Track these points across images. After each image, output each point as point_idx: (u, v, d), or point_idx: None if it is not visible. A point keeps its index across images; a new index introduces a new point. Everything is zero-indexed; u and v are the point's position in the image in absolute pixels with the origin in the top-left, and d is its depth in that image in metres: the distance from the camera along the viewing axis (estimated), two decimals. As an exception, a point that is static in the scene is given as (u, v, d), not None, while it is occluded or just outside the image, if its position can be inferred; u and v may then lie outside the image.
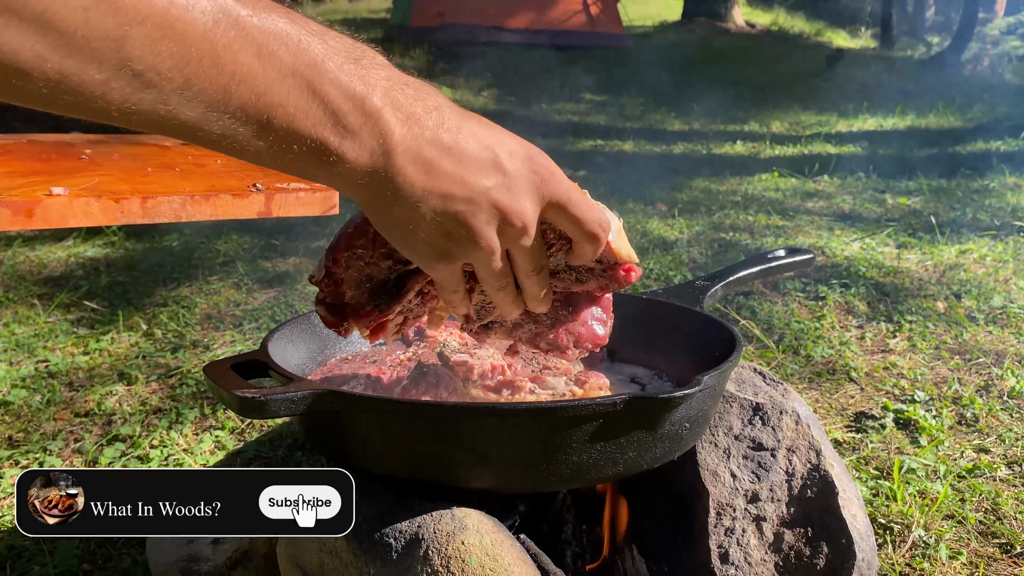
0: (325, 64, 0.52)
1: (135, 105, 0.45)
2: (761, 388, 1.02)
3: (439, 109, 0.59)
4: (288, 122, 0.50)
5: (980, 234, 2.97)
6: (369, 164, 0.54)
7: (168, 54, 0.45)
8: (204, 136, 0.49)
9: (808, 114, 6.57)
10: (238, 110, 0.48)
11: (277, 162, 0.53)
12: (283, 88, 0.50)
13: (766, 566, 0.90)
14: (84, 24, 0.42)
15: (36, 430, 1.56)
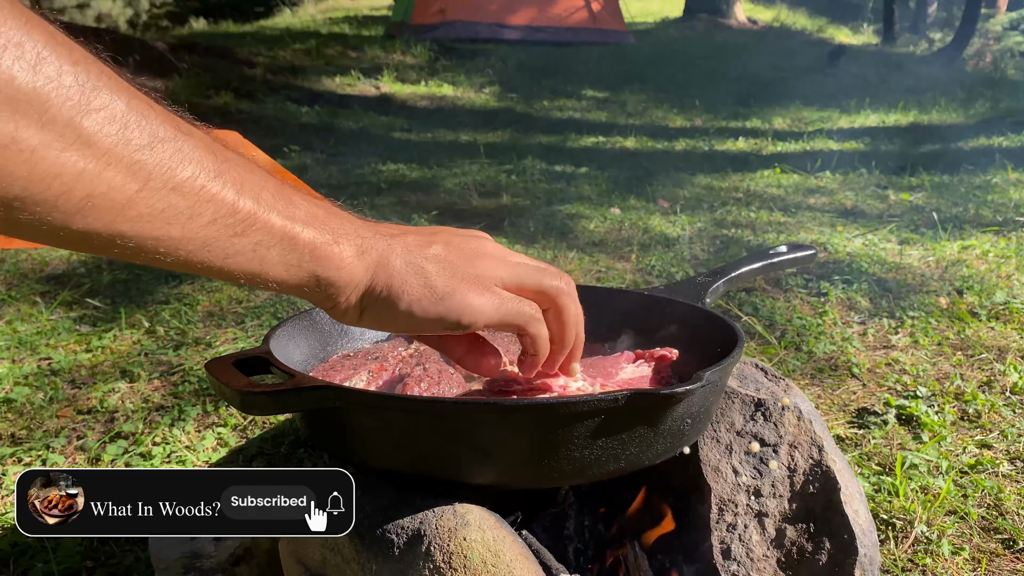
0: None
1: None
2: (763, 384, 1.02)
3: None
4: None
5: (982, 230, 2.97)
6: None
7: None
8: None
9: (810, 110, 6.56)
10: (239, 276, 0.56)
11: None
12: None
13: (768, 562, 0.90)
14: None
15: (39, 427, 1.56)
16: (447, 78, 7.65)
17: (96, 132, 0.45)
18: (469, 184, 3.84)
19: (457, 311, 0.64)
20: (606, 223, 3.15)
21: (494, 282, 0.67)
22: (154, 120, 0.48)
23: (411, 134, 5.51)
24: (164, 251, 0.50)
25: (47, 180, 0.43)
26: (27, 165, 0.42)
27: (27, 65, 0.41)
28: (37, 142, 0.42)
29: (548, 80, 7.68)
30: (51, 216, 0.44)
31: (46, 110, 0.42)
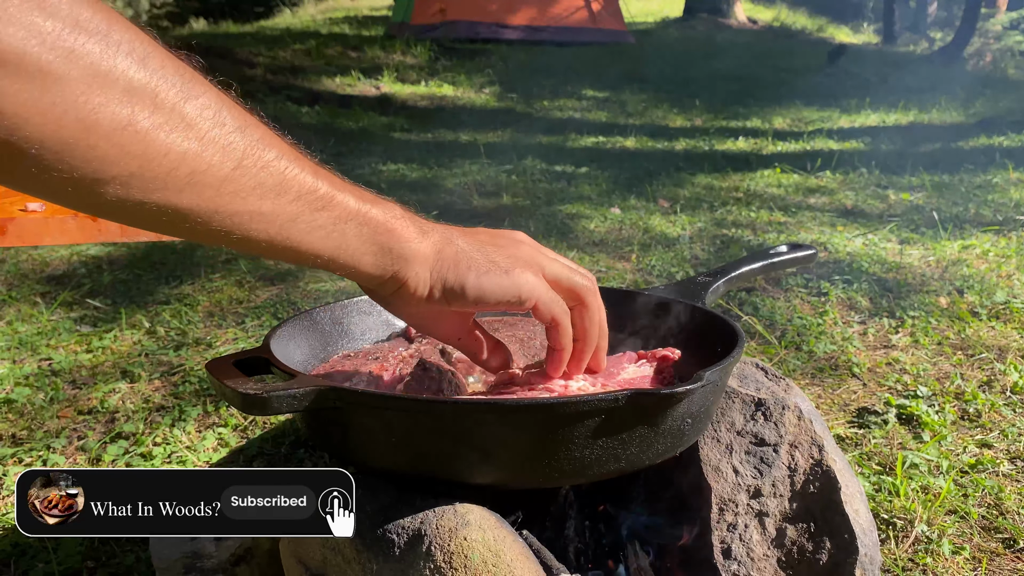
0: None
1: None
2: (763, 384, 1.02)
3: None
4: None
5: (983, 229, 2.97)
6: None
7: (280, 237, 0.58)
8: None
9: (810, 110, 6.56)
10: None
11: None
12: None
13: (768, 561, 0.90)
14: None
15: (39, 428, 1.56)
16: (447, 78, 7.65)
17: (197, 116, 0.50)
18: (469, 184, 3.84)
19: (518, 285, 0.69)
20: (606, 223, 3.15)
21: (540, 270, 0.72)
22: (240, 109, 0.55)
23: (411, 134, 5.51)
24: (258, 227, 0.56)
25: (158, 158, 0.49)
26: (142, 144, 0.48)
27: (137, 60, 0.47)
28: (149, 124, 0.48)
29: (548, 80, 7.68)
30: (159, 193, 0.50)
31: (155, 96, 0.48)
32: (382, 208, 0.64)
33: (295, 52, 8.22)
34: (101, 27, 0.46)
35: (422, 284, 0.67)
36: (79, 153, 0.46)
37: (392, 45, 8.64)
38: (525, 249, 0.73)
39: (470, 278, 0.67)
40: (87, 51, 0.44)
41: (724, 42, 10.40)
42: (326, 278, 2.43)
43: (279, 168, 0.56)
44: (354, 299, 1.09)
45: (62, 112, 0.44)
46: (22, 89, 0.42)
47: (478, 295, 0.68)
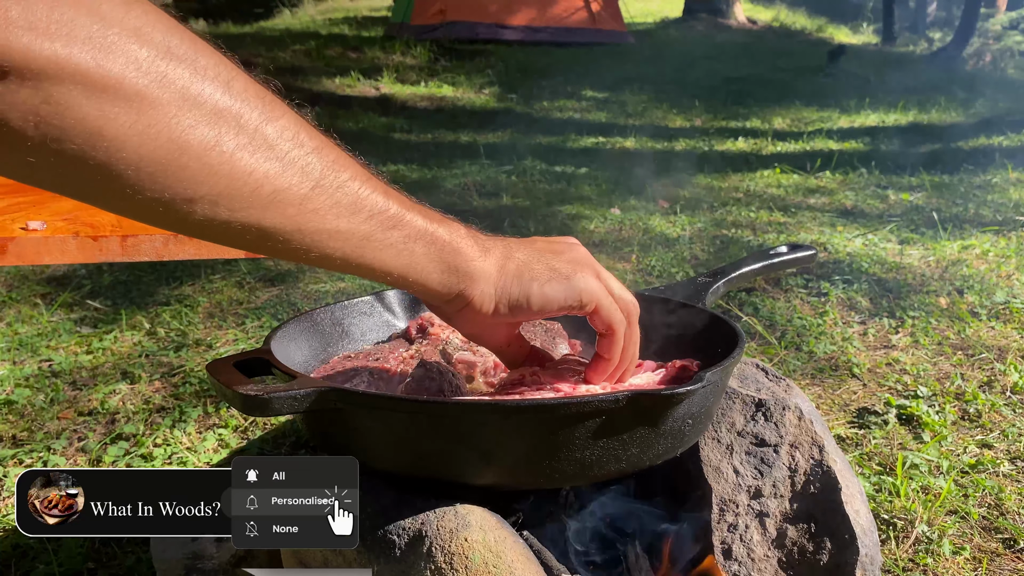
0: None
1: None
2: (764, 384, 1.02)
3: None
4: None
5: (983, 229, 2.97)
6: None
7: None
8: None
9: (810, 110, 6.56)
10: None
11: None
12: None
13: (769, 562, 0.90)
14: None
15: (40, 429, 1.56)
16: (447, 79, 7.65)
17: (277, 137, 0.53)
18: (469, 185, 3.84)
19: (579, 290, 0.71)
20: (606, 223, 3.15)
21: (597, 272, 0.75)
22: (316, 131, 0.58)
23: (411, 135, 5.51)
24: (334, 246, 0.58)
25: (243, 177, 0.51)
26: (228, 164, 0.50)
27: (222, 84, 0.50)
28: (234, 145, 0.51)
29: (548, 80, 7.67)
30: (245, 212, 0.53)
31: (239, 118, 0.51)
32: (447, 228, 0.66)
33: (295, 53, 8.22)
34: (189, 54, 0.49)
35: (487, 301, 0.69)
36: (171, 172, 0.48)
37: (392, 46, 8.64)
38: (582, 252, 0.76)
39: (534, 288, 0.70)
40: (177, 76, 0.47)
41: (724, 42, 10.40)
42: (326, 279, 2.43)
43: (353, 188, 0.58)
44: (354, 300, 1.09)
45: (156, 133, 0.47)
46: (121, 112, 0.45)
47: (542, 304, 0.70)
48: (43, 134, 0.43)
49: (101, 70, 0.44)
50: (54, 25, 0.42)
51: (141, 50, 0.46)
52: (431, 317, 1.06)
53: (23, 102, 0.42)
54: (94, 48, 0.43)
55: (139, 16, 0.46)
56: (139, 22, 0.46)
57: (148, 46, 0.46)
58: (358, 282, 2.41)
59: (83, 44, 0.43)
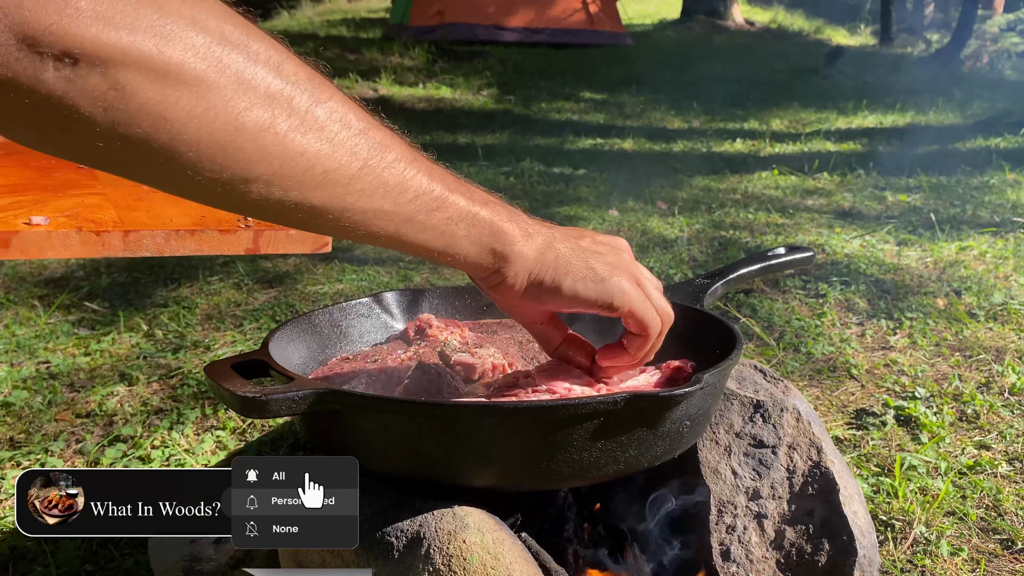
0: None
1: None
2: (762, 385, 1.02)
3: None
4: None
5: (980, 231, 2.97)
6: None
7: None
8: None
9: (808, 111, 6.57)
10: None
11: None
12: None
13: (767, 563, 0.90)
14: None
15: (37, 431, 1.56)
16: (445, 80, 7.65)
17: (327, 119, 0.55)
18: (467, 186, 3.83)
19: (611, 293, 0.73)
20: (604, 225, 3.15)
21: (637, 280, 0.76)
22: (364, 112, 0.60)
23: (409, 136, 5.48)
24: (380, 224, 0.60)
25: (295, 157, 0.53)
26: (281, 145, 0.52)
27: (274, 68, 0.52)
28: (287, 126, 0.53)
29: (546, 82, 7.68)
30: (297, 191, 0.55)
31: (291, 101, 0.53)
32: (491, 209, 0.68)
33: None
34: (242, 39, 0.51)
35: (520, 282, 0.71)
36: (229, 154, 0.50)
37: (390, 47, 8.64)
38: (625, 257, 0.77)
39: (567, 281, 0.71)
40: (232, 60, 0.50)
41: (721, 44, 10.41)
42: (324, 281, 2.43)
43: (399, 169, 0.60)
44: (352, 302, 1.09)
45: (214, 116, 0.49)
46: (182, 97, 0.47)
47: (572, 296, 0.72)
48: (111, 119, 0.46)
49: (163, 56, 0.46)
50: (119, 15, 0.44)
51: (198, 37, 0.48)
52: (429, 319, 1.06)
53: (93, 88, 0.44)
54: (155, 36, 0.46)
55: (194, 4, 0.49)
56: (195, 11, 0.48)
57: (204, 33, 0.48)
58: (356, 284, 2.41)
59: (145, 32, 0.45)
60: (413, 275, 2.50)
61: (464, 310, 1.18)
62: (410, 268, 2.57)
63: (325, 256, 2.65)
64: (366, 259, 2.63)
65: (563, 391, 0.80)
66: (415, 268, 2.57)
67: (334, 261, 2.58)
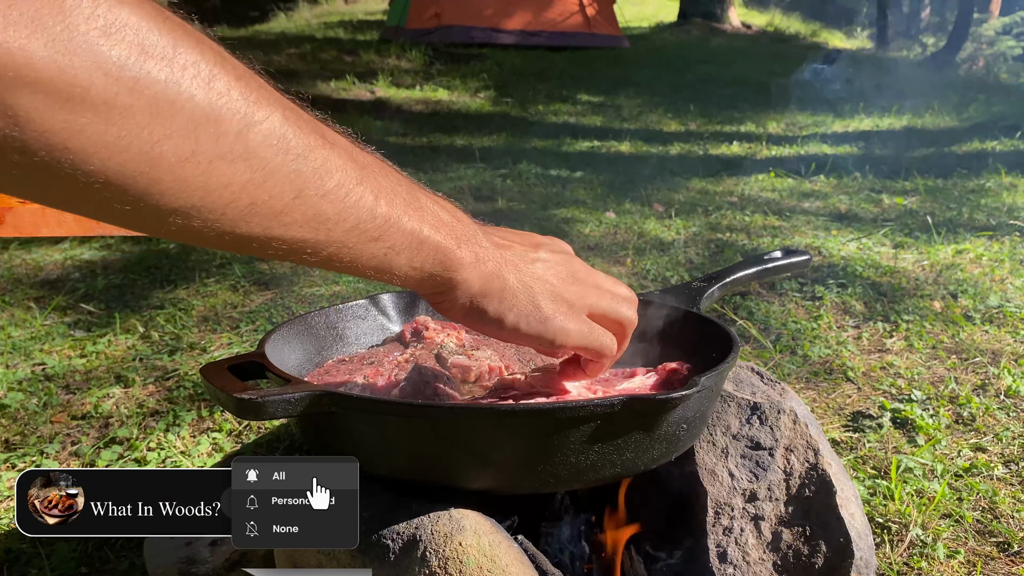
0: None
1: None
2: (759, 388, 1.02)
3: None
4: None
5: (976, 234, 2.98)
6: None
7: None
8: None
9: (804, 114, 6.58)
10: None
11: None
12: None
13: (764, 565, 0.90)
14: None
15: (33, 433, 1.56)
16: (442, 82, 7.66)
17: (260, 144, 0.49)
18: (465, 188, 3.84)
19: (553, 332, 0.71)
20: (601, 227, 3.15)
21: (586, 310, 0.74)
22: (306, 129, 0.53)
23: (406, 138, 5.51)
24: (310, 252, 0.55)
25: (219, 189, 0.48)
26: (203, 176, 0.46)
27: (203, 83, 0.45)
28: (212, 155, 0.46)
29: (543, 84, 7.69)
30: (219, 223, 0.49)
31: (219, 124, 0.46)
32: (443, 232, 0.63)
33: (290, 56, 8.22)
34: (167, 51, 0.44)
35: (459, 307, 0.68)
36: (142, 186, 0.45)
37: (387, 49, 8.65)
38: (576, 288, 0.74)
39: (509, 316, 0.69)
40: (152, 80, 0.43)
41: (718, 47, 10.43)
42: (320, 282, 2.43)
43: (339, 196, 0.55)
44: (349, 303, 1.09)
45: (127, 145, 0.43)
46: (88, 123, 0.41)
47: (512, 331, 0.70)
48: (1, 146, 0.39)
49: (64, 76, 0.39)
50: (11, 24, 0.37)
51: (112, 51, 0.41)
52: (426, 321, 1.06)
53: None
54: (57, 49, 0.39)
55: (112, 6, 0.41)
56: (111, 15, 0.41)
57: (120, 45, 0.41)
58: (353, 285, 2.41)
59: (45, 45, 0.38)
60: (410, 277, 2.50)
61: (461, 312, 1.17)
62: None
63: (322, 258, 2.64)
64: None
65: (559, 394, 0.80)
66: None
67: (331, 263, 2.58)
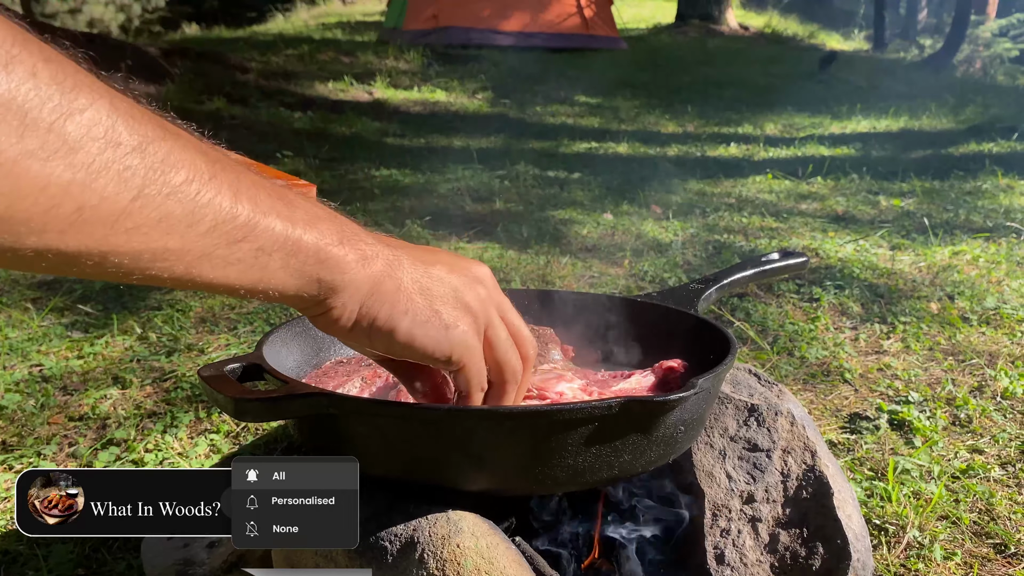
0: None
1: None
2: (756, 389, 1.02)
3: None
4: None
5: (973, 235, 2.99)
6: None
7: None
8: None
9: (801, 116, 6.59)
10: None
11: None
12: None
13: (762, 567, 0.90)
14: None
15: (30, 434, 1.55)
16: (440, 84, 7.66)
17: (82, 136, 0.41)
18: (462, 189, 3.84)
19: (452, 346, 0.63)
20: (599, 229, 3.15)
21: (488, 325, 0.66)
22: (141, 119, 0.45)
23: (404, 139, 5.51)
24: (161, 266, 0.47)
25: (33, 194, 0.39)
26: (9, 179, 0.38)
27: (0, 66, 0.38)
28: (18, 152, 0.38)
29: (541, 86, 7.69)
30: (40, 237, 0.41)
31: (25, 115, 0.38)
32: (318, 230, 0.55)
33: (288, 57, 8.22)
34: None
35: (347, 316, 0.59)
36: None
37: (385, 51, 8.65)
38: (480, 293, 0.65)
39: (403, 324, 0.60)
40: None
41: (716, 48, 10.44)
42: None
43: (189, 194, 0.46)
44: (347, 305, 1.09)
45: None
46: None
47: (407, 344, 0.61)
48: None
49: None
50: None
51: None
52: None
53: None
54: None
55: None
56: None
57: None
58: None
59: None
60: (408, 278, 2.50)
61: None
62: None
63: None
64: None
65: (555, 396, 0.80)
66: (410, 271, 2.57)
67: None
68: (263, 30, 11.35)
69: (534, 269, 2.58)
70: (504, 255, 2.74)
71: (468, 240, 2.95)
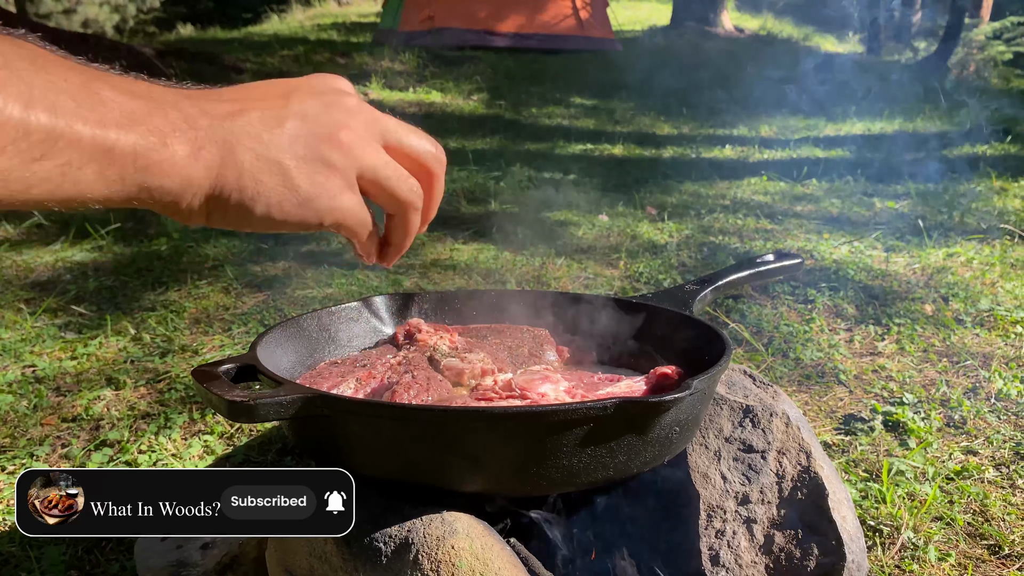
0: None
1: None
2: (751, 391, 1.02)
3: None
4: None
5: (967, 237, 2.99)
6: None
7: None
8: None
9: (796, 118, 6.60)
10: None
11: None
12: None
13: (756, 568, 0.90)
14: None
15: (23, 436, 1.55)
16: (435, 85, 7.65)
17: None
18: (458, 191, 3.84)
19: (322, 213, 0.58)
20: (594, 230, 3.15)
21: (360, 163, 0.60)
22: None
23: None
24: None
25: None
26: None
27: None
28: None
29: (536, 87, 7.69)
30: None
31: None
32: (137, 130, 0.49)
33: (283, 58, 8.20)
34: None
35: (196, 212, 0.55)
36: None
37: (380, 52, 8.64)
38: (340, 149, 0.59)
39: (257, 209, 0.56)
40: None
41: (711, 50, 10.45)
42: (313, 285, 2.42)
43: None
44: (341, 306, 1.09)
45: None
46: None
47: (268, 226, 0.57)
48: None
49: None
50: None
51: None
52: (418, 323, 1.06)
53: None
54: None
55: None
56: None
57: None
58: (345, 288, 2.40)
59: None
60: (403, 280, 2.50)
61: (453, 315, 1.18)
62: (400, 273, 2.56)
63: (315, 260, 2.64)
64: (356, 263, 2.63)
65: (536, 396, 0.80)
66: (405, 273, 2.57)
67: (323, 265, 2.58)
68: (258, 31, 11.33)
69: (529, 270, 2.58)
70: (499, 256, 2.74)
71: (464, 241, 2.94)
